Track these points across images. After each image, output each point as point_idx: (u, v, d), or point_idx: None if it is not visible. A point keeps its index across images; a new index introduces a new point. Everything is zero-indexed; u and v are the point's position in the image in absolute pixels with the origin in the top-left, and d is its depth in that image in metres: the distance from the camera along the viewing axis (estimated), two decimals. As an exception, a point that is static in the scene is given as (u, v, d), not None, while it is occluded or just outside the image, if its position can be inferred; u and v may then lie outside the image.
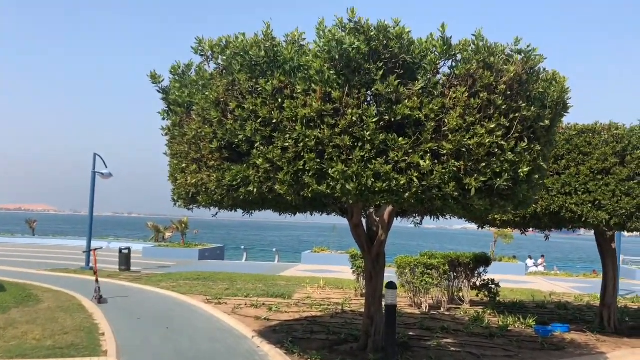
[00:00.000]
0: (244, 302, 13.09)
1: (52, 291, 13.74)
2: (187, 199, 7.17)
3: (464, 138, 5.39)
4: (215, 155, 6.17)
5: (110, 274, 18.68)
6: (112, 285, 15.88)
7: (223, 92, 5.89)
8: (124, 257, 20.02)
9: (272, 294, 14.45)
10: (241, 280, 17.77)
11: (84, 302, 12.19)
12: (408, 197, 5.48)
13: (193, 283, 16.54)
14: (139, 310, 11.60)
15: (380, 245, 7.98)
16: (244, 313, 11.55)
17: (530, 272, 27.13)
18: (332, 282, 17.74)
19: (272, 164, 5.72)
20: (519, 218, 9.89)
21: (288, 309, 12.26)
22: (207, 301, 13.07)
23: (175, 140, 6.98)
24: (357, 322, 10.72)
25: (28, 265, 20.34)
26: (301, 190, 5.78)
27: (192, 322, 10.40)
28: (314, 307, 12.59)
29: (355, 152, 5.37)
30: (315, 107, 5.37)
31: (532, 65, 5.78)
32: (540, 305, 14.30)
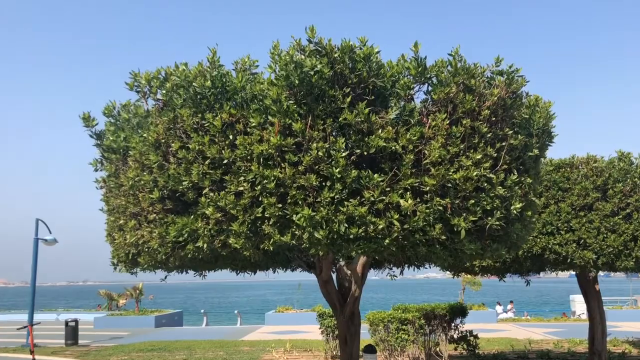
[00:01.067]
0: (203, 374, 11.75)
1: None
2: (127, 261, 6.11)
3: (448, 172, 4.62)
4: (157, 207, 5.21)
5: (55, 350, 16.91)
6: (55, 364, 14.23)
7: (163, 132, 5.00)
8: (71, 330, 18.27)
9: (235, 362, 13.13)
10: (200, 348, 16.30)
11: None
12: (388, 243, 4.63)
13: (147, 355, 15.02)
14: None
15: (354, 302, 7.04)
16: (202, 388, 10.25)
17: (501, 319, 26.39)
18: (300, 344, 16.48)
19: (224, 213, 4.80)
20: (499, 263, 9.15)
21: (252, 379, 11.00)
22: (161, 376, 11.67)
23: (111, 193, 5.98)
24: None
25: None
26: (260, 243, 4.86)
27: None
28: (281, 375, 11.37)
29: (324, 193, 4.51)
30: (273, 143, 4.53)
31: (515, 88, 5.14)
32: (521, 355, 13.45)
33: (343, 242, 4.65)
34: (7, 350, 16.94)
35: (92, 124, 5.83)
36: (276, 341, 17.63)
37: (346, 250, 4.73)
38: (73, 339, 18.18)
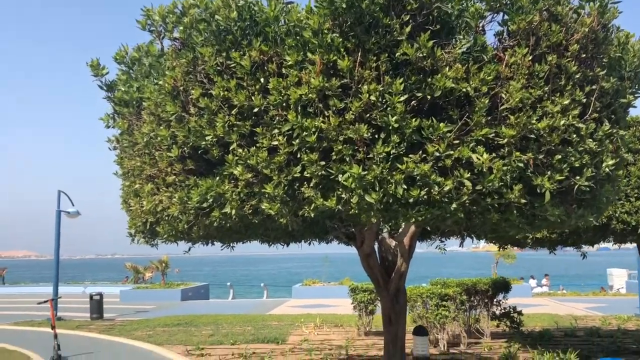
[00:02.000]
0: (230, 351, 11.15)
1: (4, 351, 11.66)
2: (145, 231, 5.40)
3: (531, 120, 3.73)
4: (176, 167, 4.43)
5: (80, 324, 16.56)
6: (79, 338, 13.80)
7: (181, 77, 4.19)
8: (95, 304, 17.93)
9: (263, 338, 12.51)
10: (227, 323, 15.77)
11: (39, 364, 10.18)
12: (455, 209, 3.78)
13: (172, 330, 14.53)
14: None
15: (399, 278, 6.24)
16: (230, 367, 9.64)
17: (536, 293, 25.44)
18: (330, 319, 15.82)
19: (255, 173, 4.00)
20: (556, 234, 8.24)
21: (283, 357, 10.35)
22: (187, 353, 11.11)
23: (125, 153, 5.24)
24: (368, 372, 8.88)
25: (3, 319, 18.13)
26: (299, 209, 4.06)
27: (167, 385, 8.47)
28: (313, 353, 10.69)
29: (377, 147, 3.68)
30: (314, 86, 3.69)
31: (607, 19, 4.18)
32: (568, 333, 12.55)
33: (400, 208, 3.82)
34: (33, 324, 16.66)
35: (102, 73, 5.04)
36: (305, 315, 17.03)
37: (403, 217, 3.90)
38: (98, 312, 17.84)
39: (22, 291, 30.91)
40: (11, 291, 31.90)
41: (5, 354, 11.36)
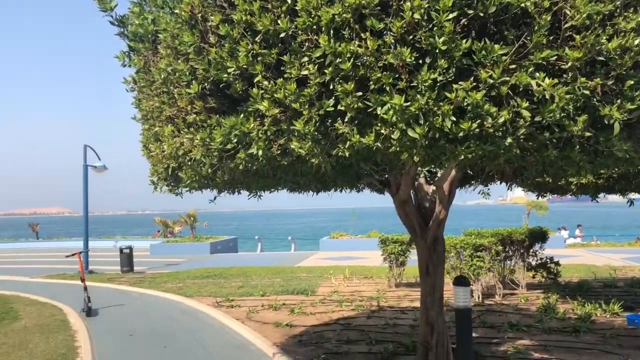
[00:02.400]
0: (260, 302, 11.05)
1: (37, 304, 11.78)
2: (167, 178, 5.09)
3: (599, 40, 3.21)
4: (197, 105, 4.05)
5: (111, 277, 16.75)
6: (110, 290, 13.92)
7: (199, 3, 3.75)
8: (126, 257, 18.08)
9: (293, 290, 12.38)
10: (256, 275, 15.74)
11: (70, 316, 10.20)
12: (510, 144, 3.34)
13: (202, 282, 14.55)
14: (134, 322, 9.58)
15: (438, 226, 5.85)
16: (261, 318, 9.50)
17: (569, 244, 24.90)
18: (359, 271, 15.66)
19: (283, 109, 3.60)
20: (602, 180, 7.71)
21: (313, 309, 10.19)
22: (217, 304, 11.05)
23: (142, 94, 4.87)
24: (402, 324, 8.63)
25: (24, 272, 18.45)
26: (332, 148, 3.66)
27: (197, 337, 8.36)
28: (344, 304, 10.51)
29: (422, 73, 3.22)
30: (349, 3, 3.22)
31: None
32: (608, 283, 12.12)
33: (447, 144, 3.39)
34: (65, 277, 16.90)
35: (110, 6, 4.61)
36: (333, 267, 16.91)
37: (451, 155, 3.47)
38: (128, 265, 18.01)
39: (55, 246, 31.60)
40: (45, 246, 32.64)
41: (38, 306, 11.46)
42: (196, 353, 7.36)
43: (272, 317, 9.59)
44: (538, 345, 7.10)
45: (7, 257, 25.63)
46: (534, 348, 6.98)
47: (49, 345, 7.78)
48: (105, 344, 8.02)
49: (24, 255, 27.06)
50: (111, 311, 10.77)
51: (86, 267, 18.15)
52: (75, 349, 7.58)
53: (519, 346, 7.02)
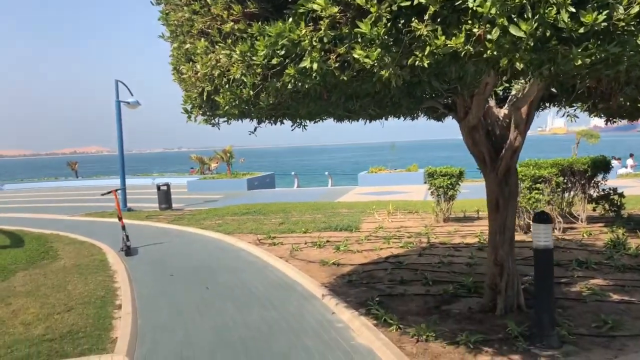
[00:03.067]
0: (302, 239, 10.61)
1: (76, 243, 11.63)
2: (202, 104, 4.43)
3: None
4: (234, 10, 3.32)
5: (150, 214, 16.60)
6: (149, 228, 13.72)
7: None
8: (163, 194, 17.87)
9: (336, 226, 11.89)
10: (296, 211, 15.32)
11: (109, 255, 9.95)
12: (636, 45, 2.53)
13: (241, 219, 14.21)
14: (174, 262, 9.26)
15: (512, 155, 5.10)
16: (305, 256, 9.04)
17: (621, 174, 23.66)
18: (402, 206, 15.06)
19: (344, 7, 2.84)
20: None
21: (359, 246, 9.67)
22: (258, 242, 10.66)
23: (169, 5, 4.15)
24: (457, 262, 8.04)
25: (63, 211, 18.53)
26: (406, 56, 2.91)
27: (240, 277, 7.97)
28: (391, 241, 9.96)
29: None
30: None
31: None
32: (675, 216, 11.22)
33: (560, 45, 2.60)
34: (104, 215, 16.84)
35: None
36: (375, 202, 16.35)
37: (563, 59, 2.68)
38: (166, 203, 17.83)
39: (94, 184, 31.90)
40: (84, 184, 33.03)
41: (77, 245, 11.30)
42: (240, 294, 6.95)
43: (317, 255, 9.13)
44: (614, 286, 6.42)
45: (47, 196, 25.96)
46: (610, 288, 6.29)
47: (87, 287, 7.49)
48: (145, 285, 7.70)
49: (64, 193, 27.35)
50: (150, 250, 10.50)
51: (124, 204, 18.08)
52: (114, 291, 7.27)
53: (593, 286, 6.34)
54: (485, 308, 5.55)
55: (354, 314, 5.72)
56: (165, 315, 6.19)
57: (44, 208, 19.98)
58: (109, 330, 5.64)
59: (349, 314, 5.77)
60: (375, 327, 5.29)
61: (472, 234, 10.39)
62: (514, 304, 5.43)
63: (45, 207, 20.57)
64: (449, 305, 5.92)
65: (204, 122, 5.21)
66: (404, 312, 5.74)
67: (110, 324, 5.85)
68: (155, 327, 5.75)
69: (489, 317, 5.39)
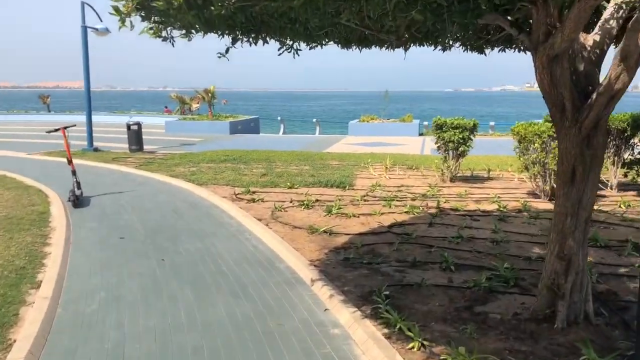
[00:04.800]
0: (287, 196, 8.99)
1: (20, 187, 9.86)
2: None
3: None
4: None
5: (117, 156, 14.78)
6: (111, 173, 11.96)
7: None
8: (134, 134, 15.99)
9: (326, 181, 10.25)
10: (281, 160, 13.62)
11: (54, 206, 8.24)
12: None
13: (219, 167, 12.50)
14: (129, 219, 7.60)
15: (608, 102, 3.43)
16: (290, 219, 7.44)
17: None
18: (399, 160, 13.43)
19: None
20: None
21: (355, 208, 8.08)
22: (235, 197, 9.02)
23: None
24: (479, 237, 6.48)
25: (23, 147, 16.61)
26: None
27: (207, 244, 6.35)
28: (392, 203, 8.37)
29: None
30: None
31: None
32: None
33: None
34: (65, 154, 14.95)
35: None
36: (368, 155, 14.71)
37: None
38: (137, 144, 15.98)
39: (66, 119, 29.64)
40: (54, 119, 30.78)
41: (20, 190, 9.54)
42: (204, 273, 5.34)
43: (304, 218, 7.52)
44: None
45: (13, 130, 23.86)
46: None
47: (7, 252, 5.79)
48: (84, 251, 6.04)
49: (30, 128, 25.20)
50: (105, 201, 8.80)
51: (90, 144, 16.22)
52: (40, 259, 5.59)
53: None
54: (537, 315, 4.00)
55: (355, 315, 4.14)
56: (95, 303, 4.53)
57: (4, 144, 18.02)
58: (10, 325, 3.98)
59: (348, 314, 4.18)
60: (387, 341, 3.72)
61: (486, 198, 8.83)
62: (581, 312, 3.89)
63: (5, 142, 18.60)
64: (484, 305, 4.36)
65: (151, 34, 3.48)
66: (425, 315, 4.17)
67: (16, 314, 4.19)
68: (75, 325, 4.11)
69: (545, 330, 3.85)
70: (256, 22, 3.69)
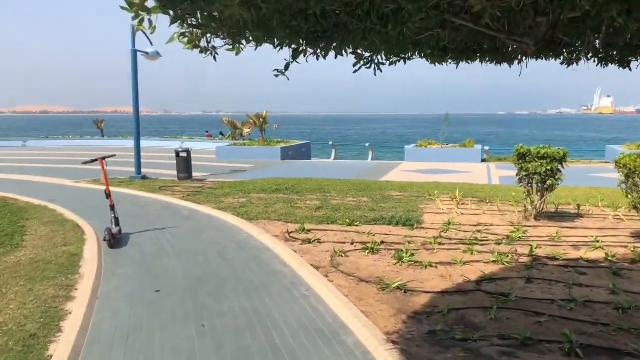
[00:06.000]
0: (347, 235, 7.86)
1: (57, 222, 9.10)
2: None
3: None
4: None
5: (165, 184, 14.04)
6: (156, 204, 11.13)
7: None
8: (182, 162, 15.25)
9: (390, 218, 9.05)
10: (336, 190, 12.51)
11: (88, 245, 7.37)
12: None
13: (270, 198, 11.50)
14: (169, 264, 6.62)
15: None
16: (353, 267, 6.28)
17: None
18: (468, 191, 12.08)
19: None
20: None
21: (430, 254, 6.84)
22: (288, 236, 7.95)
23: None
24: (596, 299, 5.12)
25: (71, 174, 16.17)
26: None
27: (257, 304, 5.25)
28: (475, 248, 7.09)
29: None
30: None
31: None
32: None
33: None
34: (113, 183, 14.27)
35: None
36: (431, 184, 13.44)
37: None
38: (186, 172, 15.22)
39: (118, 144, 29.64)
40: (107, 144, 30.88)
41: (56, 225, 8.76)
42: (250, 346, 4.23)
43: (370, 266, 6.35)
44: None
45: (65, 155, 23.79)
46: None
47: (22, 309, 4.85)
48: (112, 309, 5.05)
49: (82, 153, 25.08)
50: (145, 240, 7.89)
51: (138, 171, 15.60)
52: (58, 321, 4.62)
53: None
54: None
55: None
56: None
57: (53, 170, 17.70)
58: None
59: None
60: None
61: (584, 242, 7.42)
62: None
63: (54, 168, 18.31)
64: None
65: (185, 44, 2.47)
66: None
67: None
68: None
69: None
70: (328, 24, 2.62)
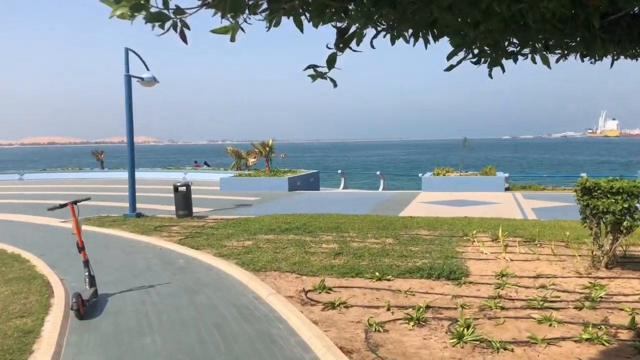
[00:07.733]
0: (379, 294, 6.24)
1: (22, 279, 7.50)
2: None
3: None
4: None
5: (161, 224, 12.47)
6: (147, 250, 9.51)
7: None
8: (181, 197, 13.68)
9: (428, 268, 7.41)
10: (354, 229, 10.90)
11: (51, 316, 5.76)
12: None
13: (280, 240, 9.89)
14: (150, 347, 5.00)
15: None
16: (399, 351, 4.64)
17: None
18: (506, 227, 10.42)
19: None
20: None
21: (496, 328, 5.20)
22: (305, 297, 6.34)
23: None
24: None
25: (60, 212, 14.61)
26: None
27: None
28: (551, 316, 5.44)
29: None
30: None
31: None
32: None
33: None
34: (104, 222, 12.74)
35: None
36: (463, 220, 11.81)
37: None
38: (185, 208, 13.64)
39: (118, 176, 28.19)
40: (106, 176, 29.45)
41: (22, 284, 7.16)
42: None
43: (422, 349, 4.70)
44: None
45: (60, 189, 22.31)
46: None
47: None
48: None
49: (79, 187, 23.65)
50: (125, 305, 6.26)
51: (132, 208, 14.04)
52: None
53: None
54: None
55: None
56: None
57: (39, 206, 16.16)
58: None
59: None
60: None
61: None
62: None
63: (42, 204, 16.77)
64: None
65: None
66: None
67: None
68: None
69: None
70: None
